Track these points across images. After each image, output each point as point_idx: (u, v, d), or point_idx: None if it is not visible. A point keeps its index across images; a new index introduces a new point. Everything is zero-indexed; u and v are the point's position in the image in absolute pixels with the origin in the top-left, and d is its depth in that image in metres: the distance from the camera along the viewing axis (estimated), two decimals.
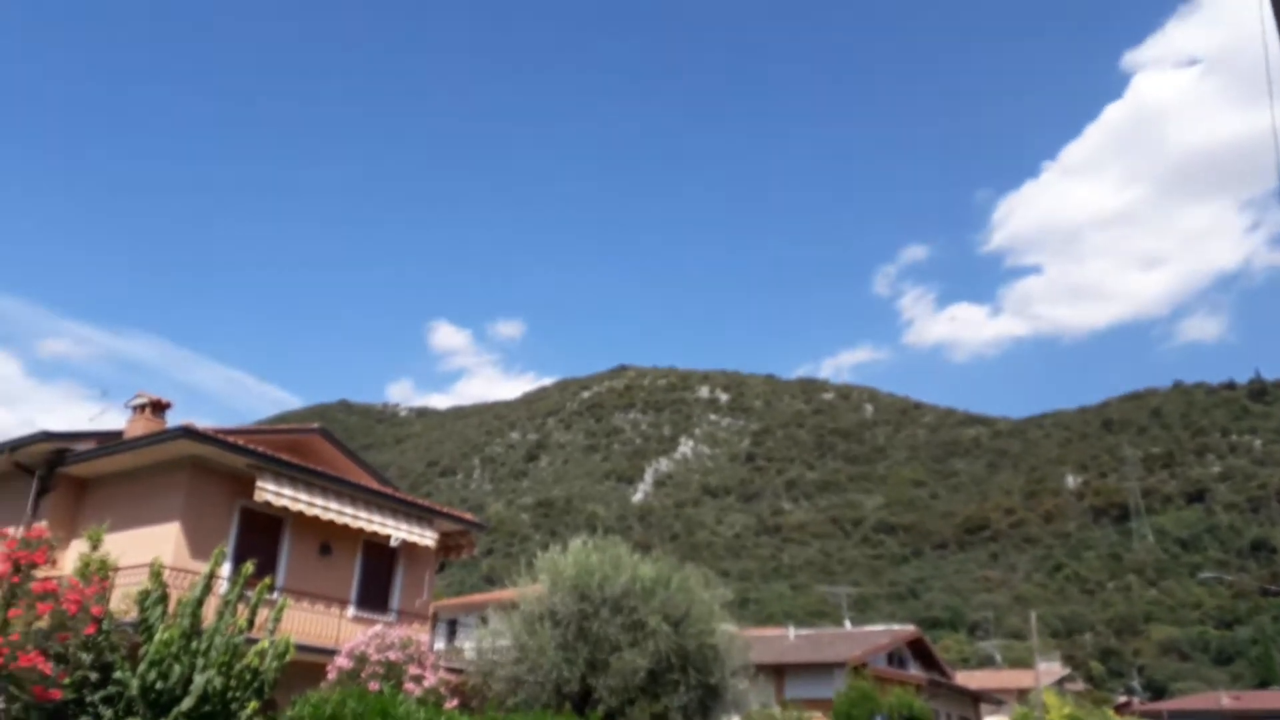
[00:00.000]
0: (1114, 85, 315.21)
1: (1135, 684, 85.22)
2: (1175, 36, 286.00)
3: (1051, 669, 58.07)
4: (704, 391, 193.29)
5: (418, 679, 14.69)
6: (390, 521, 20.21)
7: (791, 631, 41.39)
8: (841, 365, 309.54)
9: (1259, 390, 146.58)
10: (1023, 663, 65.26)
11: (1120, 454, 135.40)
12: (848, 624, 47.04)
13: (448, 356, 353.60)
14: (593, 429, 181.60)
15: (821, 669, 33.23)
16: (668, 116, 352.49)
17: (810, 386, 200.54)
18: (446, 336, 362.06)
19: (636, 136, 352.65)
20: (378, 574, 21.19)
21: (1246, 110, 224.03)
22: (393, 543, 20.40)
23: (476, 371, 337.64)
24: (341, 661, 14.80)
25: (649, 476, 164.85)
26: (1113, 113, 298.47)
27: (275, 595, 15.93)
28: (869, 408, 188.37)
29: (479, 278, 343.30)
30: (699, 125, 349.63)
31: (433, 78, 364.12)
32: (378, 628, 15.61)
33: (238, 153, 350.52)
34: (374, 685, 13.79)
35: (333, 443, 21.89)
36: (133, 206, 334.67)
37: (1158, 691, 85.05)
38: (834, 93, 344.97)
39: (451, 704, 14.55)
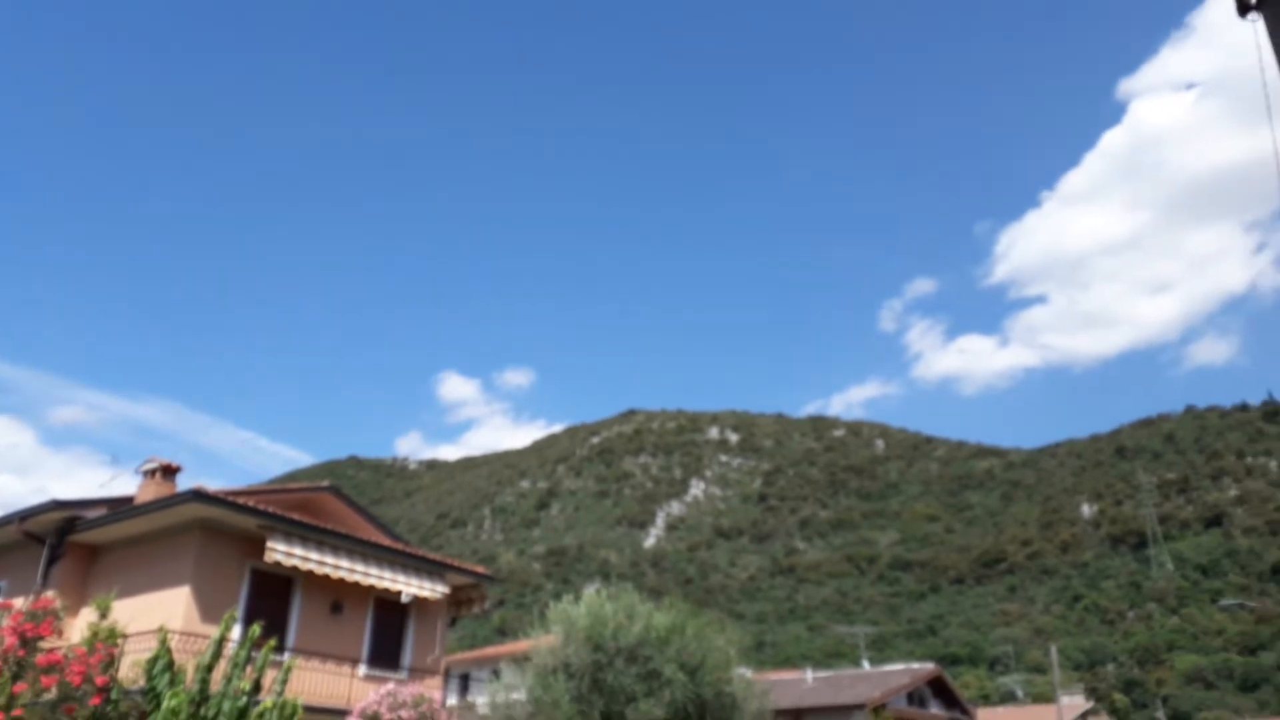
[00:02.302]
0: (1111, 113, 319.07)
1: (1160, 715, 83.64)
2: (1171, 62, 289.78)
3: (1075, 703, 57.04)
4: (714, 433, 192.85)
5: None
6: (401, 577, 20.10)
7: (809, 674, 40.79)
8: (851, 401, 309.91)
9: (1273, 411, 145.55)
10: (1045, 697, 64.23)
11: (1135, 481, 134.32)
12: (866, 664, 46.37)
13: (457, 407, 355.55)
14: (603, 474, 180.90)
15: (840, 712, 32.69)
16: (670, 158, 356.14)
17: (821, 424, 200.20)
18: (455, 387, 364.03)
19: (638, 179, 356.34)
20: (389, 631, 21.04)
21: (1247, 132, 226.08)
22: (404, 599, 20.28)
23: (486, 421, 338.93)
24: None
25: (660, 520, 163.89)
26: (1111, 140, 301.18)
27: (285, 656, 15.81)
28: (880, 443, 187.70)
29: (486, 327, 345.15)
30: (700, 168, 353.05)
31: (429, 127, 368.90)
32: (389, 686, 15.45)
33: (243, 212, 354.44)
34: None
35: (342, 499, 21.88)
36: (142, 272, 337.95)
37: None
38: (831, 129, 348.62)
39: None
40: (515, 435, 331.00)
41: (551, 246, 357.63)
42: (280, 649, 17.37)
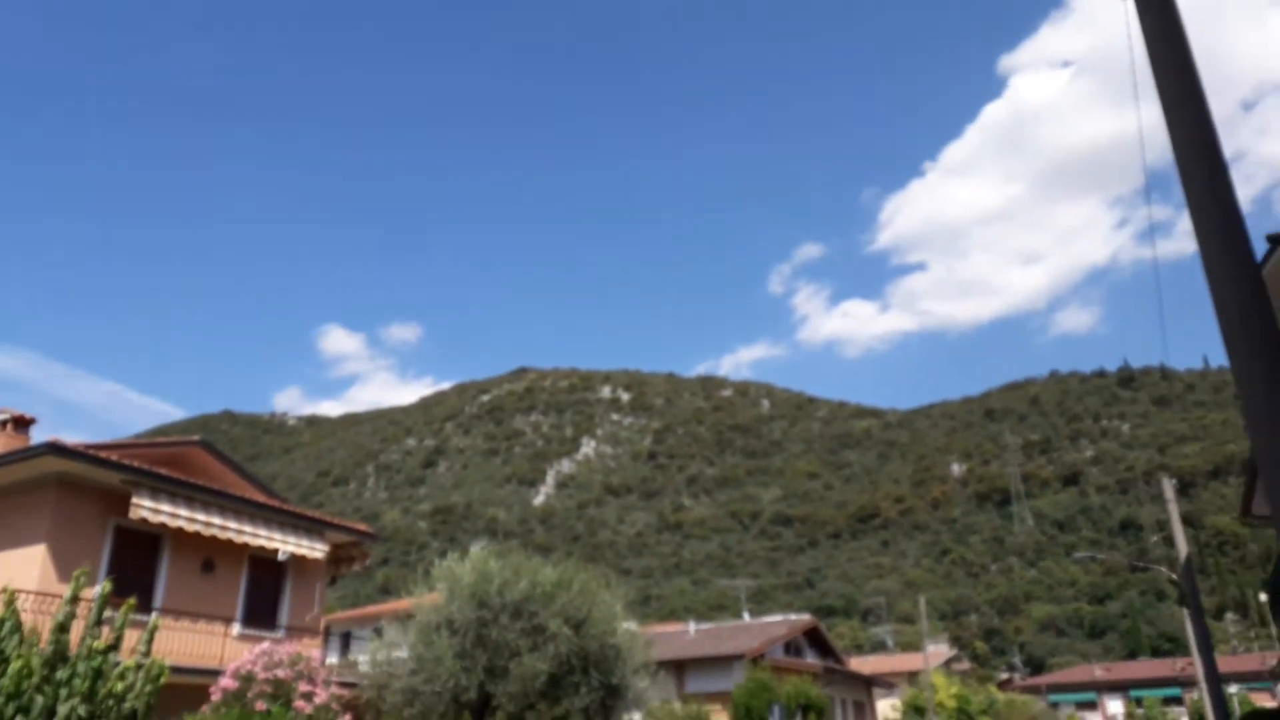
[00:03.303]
0: (992, 87, 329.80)
1: (1016, 660, 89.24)
2: (1049, 40, 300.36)
3: (939, 651, 60.27)
4: (605, 391, 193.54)
5: (308, 696, 14.24)
6: (278, 535, 19.52)
7: (692, 626, 41.73)
8: (740, 362, 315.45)
9: (1127, 378, 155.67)
10: (913, 646, 67.63)
11: (1001, 441, 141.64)
12: (746, 616, 47.73)
13: (339, 362, 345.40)
14: (493, 432, 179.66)
15: (721, 662, 33.61)
16: (563, 120, 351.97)
17: (710, 383, 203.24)
18: (338, 341, 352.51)
19: (532, 138, 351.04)
20: (265, 590, 20.45)
21: (1115, 111, 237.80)
22: (280, 557, 19.73)
23: (370, 377, 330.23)
24: (226, 682, 14.20)
25: (550, 478, 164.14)
26: (991, 113, 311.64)
27: (151, 616, 15.18)
28: (766, 403, 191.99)
29: (372, 280, 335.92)
30: (594, 129, 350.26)
31: (320, 76, 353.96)
32: (265, 645, 15.03)
33: (109, 151, 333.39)
34: (261, 705, 13.30)
35: (215, 455, 21.02)
36: None
37: (1037, 667, 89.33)
38: (725, 96, 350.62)
39: (344, 719, 14.14)
40: (401, 392, 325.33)
41: (441, 200, 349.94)
42: (146, 608, 16.66)
